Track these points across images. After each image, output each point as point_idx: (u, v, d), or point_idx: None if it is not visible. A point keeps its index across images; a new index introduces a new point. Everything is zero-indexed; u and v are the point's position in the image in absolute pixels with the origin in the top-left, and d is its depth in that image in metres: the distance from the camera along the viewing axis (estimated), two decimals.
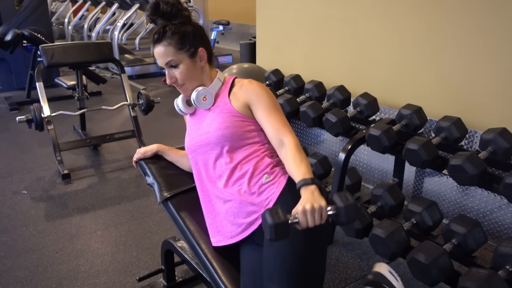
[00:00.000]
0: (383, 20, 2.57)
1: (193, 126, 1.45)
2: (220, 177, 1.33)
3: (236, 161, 1.31)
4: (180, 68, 1.34)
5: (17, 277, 1.95)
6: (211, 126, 1.35)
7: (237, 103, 1.35)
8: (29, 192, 2.76)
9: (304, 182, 1.11)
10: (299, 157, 1.19)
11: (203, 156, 1.38)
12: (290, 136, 1.26)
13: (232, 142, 1.31)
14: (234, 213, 1.28)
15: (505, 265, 1.52)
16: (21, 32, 4.36)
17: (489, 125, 1.96)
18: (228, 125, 1.31)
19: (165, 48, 1.31)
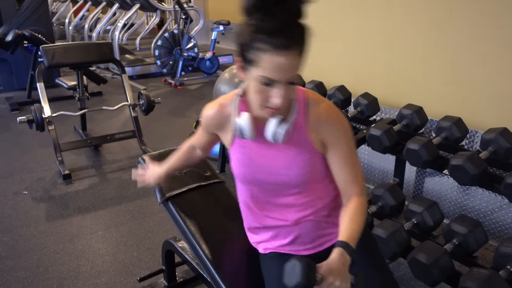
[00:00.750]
0: (384, 20, 2.57)
1: (253, 155, 1.12)
2: (287, 207, 1.17)
3: (310, 197, 1.15)
4: (295, 85, 0.98)
5: (18, 277, 1.95)
6: (290, 168, 1.10)
7: (316, 139, 1.08)
8: (30, 192, 2.77)
9: (345, 246, 0.97)
10: (356, 220, 1.05)
11: (267, 188, 1.15)
12: (359, 194, 1.10)
13: (311, 184, 1.13)
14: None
15: (506, 265, 1.52)
16: (22, 33, 4.36)
17: (490, 125, 1.96)
18: (311, 169, 1.10)
19: (295, 58, 0.92)
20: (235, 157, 1.15)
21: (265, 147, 1.10)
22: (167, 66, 5.73)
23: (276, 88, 0.94)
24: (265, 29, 0.89)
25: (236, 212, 1.60)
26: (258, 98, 0.97)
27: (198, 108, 4.60)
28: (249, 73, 0.96)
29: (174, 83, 5.53)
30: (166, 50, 5.68)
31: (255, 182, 1.15)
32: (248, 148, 1.12)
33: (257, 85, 0.95)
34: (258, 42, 0.89)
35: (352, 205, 1.08)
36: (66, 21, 8.05)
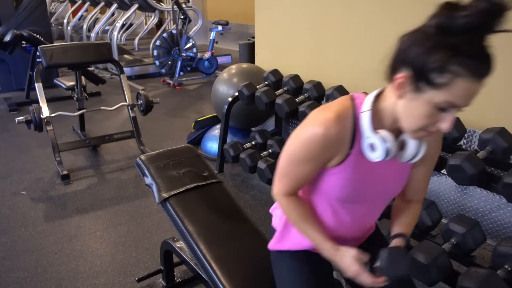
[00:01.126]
0: (382, 20, 2.57)
1: (366, 173, 1.02)
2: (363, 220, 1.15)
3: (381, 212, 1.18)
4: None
5: (17, 278, 1.95)
6: (396, 182, 1.07)
7: None
8: (28, 193, 2.76)
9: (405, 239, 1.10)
10: (416, 217, 1.16)
11: (363, 205, 1.10)
12: (422, 201, 1.19)
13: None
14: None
15: (504, 264, 1.52)
16: (20, 33, 4.36)
17: (488, 124, 1.96)
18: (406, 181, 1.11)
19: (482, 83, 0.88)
20: (341, 177, 1.01)
21: (376, 164, 1.00)
22: (165, 66, 5.72)
23: (450, 114, 0.88)
24: (473, 54, 0.83)
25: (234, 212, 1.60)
26: (423, 122, 0.87)
27: (197, 108, 4.60)
28: (420, 94, 0.85)
29: (172, 83, 5.53)
30: (165, 50, 5.68)
31: (354, 201, 1.06)
32: (363, 167, 1.01)
33: (430, 109, 0.85)
34: (456, 65, 0.81)
35: (416, 205, 1.16)
36: (65, 21, 8.05)
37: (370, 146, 0.95)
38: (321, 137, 0.94)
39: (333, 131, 0.94)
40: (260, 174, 2.50)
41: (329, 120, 0.94)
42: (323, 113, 0.97)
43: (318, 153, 0.97)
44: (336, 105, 0.98)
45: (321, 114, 0.97)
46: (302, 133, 0.98)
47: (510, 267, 1.50)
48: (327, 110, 0.97)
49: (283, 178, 1.05)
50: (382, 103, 0.96)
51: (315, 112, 1.00)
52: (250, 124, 3.38)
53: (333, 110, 0.96)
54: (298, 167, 1.01)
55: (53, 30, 6.25)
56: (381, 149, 0.93)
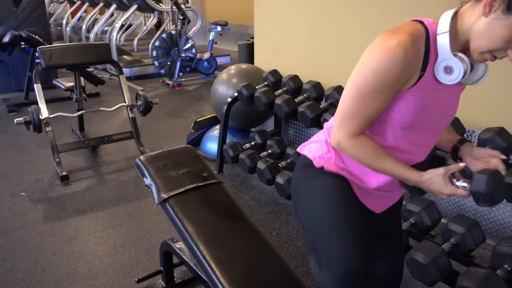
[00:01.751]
0: (381, 19, 2.57)
1: (434, 98, 1.02)
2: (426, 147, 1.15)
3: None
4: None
5: (16, 279, 1.94)
6: (455, 108, 1.10)
7: None
8: (28, 194, 2.76)
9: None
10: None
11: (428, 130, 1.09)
12: None
13: None
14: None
15: (503, 264, 1.52)
16: (19, 34, 4.36)
17: (487, 124, 1.96)
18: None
19: None
20: (412, 100, 1.00)
21: (442, 88, 1.02)
22: (165, 67, 5.72)
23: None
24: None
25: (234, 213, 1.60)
26: (498, 44, 0.91)
27: (196, 109, 4.60)
28: (509, 16, 0.86)
29: (172, 84, 5.53)
30: (164, 51, 5.68)
31: (420, 127, 1.06)
32: (432, 91, 1.01)
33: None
34: None
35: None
36: (64, 22, 8.04)
37: (446, 69, 0.95)
38: (401, 60, 0.92)
39: (411, 53, 0.93)
40: (260, 175, 2.50)
41: (407, 42, 0.93)
42: (397, 35, 0.94)
43: (396, 77, 0.94)
44: (407, 28, 0.97)
45: (394, 37, 0.94)
46: (375, 61, 0.95)
47: (510, 267, 1.50)
48: (400, 32, 0.95)
49: (351, 120, 1.01)
50: (458, 24, 0.96)
51: (385, 37, 0.96)
52: (250, 124, 3.38)
53: (407, 32, 0.95)
54: (371, 101, 0.98)
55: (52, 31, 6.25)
56: (459, 71, 0.94)
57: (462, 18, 0.96)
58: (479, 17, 0.91)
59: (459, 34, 0.96)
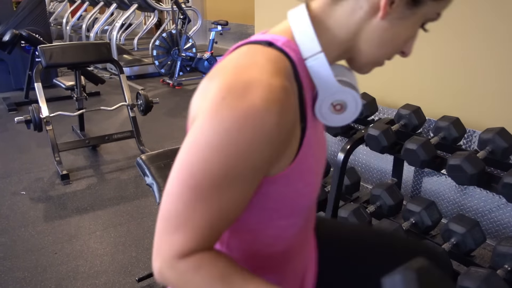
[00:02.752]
0: None
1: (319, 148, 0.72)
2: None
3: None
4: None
5: (16, 278, 1.94)
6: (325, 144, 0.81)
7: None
8: (28, 192, 2.76)
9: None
10: None
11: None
12: None
13: None
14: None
15: (503, 264, 1.52)
16: (19, 33, 4.35)
17: (488, 124, 1.97)
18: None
19: None
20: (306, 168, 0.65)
21: (319, 128, 0.71)
22: (165, 66, 5.72)
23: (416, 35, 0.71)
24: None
25: None
26: (401, 46, 0.69)
27: None
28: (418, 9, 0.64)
29: (172, 83, 5.53)
30: (164, 50, 5.68)
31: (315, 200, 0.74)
32: (315, 142, 0.67)
33: (417, 28, 0.69)
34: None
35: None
36: (64, 21, 8.03)
37: (335, 106, 0.65)
38: (275, 124, 0.54)
39: (288, 106, 0.56)
40: None
41: (277, 89, 0.55)
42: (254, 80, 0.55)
43: (268, 154, 0.56)
44: (259, 59, 0.59)
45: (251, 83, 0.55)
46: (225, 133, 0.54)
47: (510, 267, 1.51)
48: (253, 71, 0.56)
49: (188, 228, 0.57)
50: (321, 33, 0.63)
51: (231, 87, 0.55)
52: None
53: (266, 70, 0.57)
54: (226, 193, 0.57)
55: (52, 30, 6.24)
56: (356, 103, 0.65)
57: (326, 22, 0.63)
58: (368, 20, 0.62)
59: (329, 47, 0.65)
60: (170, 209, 0.59)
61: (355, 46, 0.65)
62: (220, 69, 0.59)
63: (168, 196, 0.61)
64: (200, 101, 0.59)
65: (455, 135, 1.94)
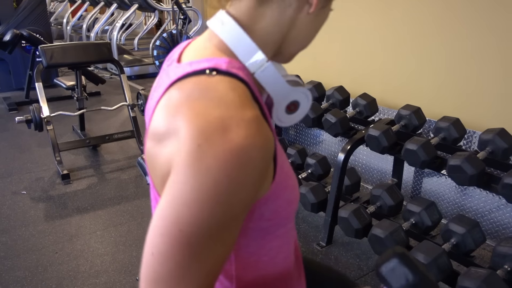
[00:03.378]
0: (382, 21, 2.58)
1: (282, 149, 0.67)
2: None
3: None
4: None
5: (17, 277, 1.95)
6: None
7: None
8: (29, 192, 2.76)
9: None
10: None
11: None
12: None
13: None
14: None
15: (503, 264, 1.53)
16: (20, 32, 4.35)
17: (488, 125, 1.97)
18: None
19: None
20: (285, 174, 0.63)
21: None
22: None
23: None
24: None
25: None
26: (320, 29, 0.69)
27: None
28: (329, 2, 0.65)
29: None
30: (165, 50, 5.67)
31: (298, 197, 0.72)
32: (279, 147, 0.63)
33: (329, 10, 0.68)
34: None
35: None
36: (64, 21, 8.04)
37: (289, 107, 0.66)
38: (260, 158, 0.53)
39: (267, 134, 0.55)
40: None
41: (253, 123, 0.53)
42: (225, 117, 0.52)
43: (257, 184, 0.55)
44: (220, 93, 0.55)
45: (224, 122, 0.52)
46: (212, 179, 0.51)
47: (510, 267, 1.51)
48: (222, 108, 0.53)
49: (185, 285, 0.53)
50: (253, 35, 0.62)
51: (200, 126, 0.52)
52: None
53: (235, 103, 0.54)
54: (221, 239, 0.54)
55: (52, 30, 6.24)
56: (307, 99, 0.67)
57: (256, 27, 0.62)
58: (297, 15, 0.62)
59: (265, 50, 0.63)
60: (159, 271, 0.53)
61: (285, 41, 0.66)
62: (179, 111, 0.54)
63: (155, 257, 0.54)
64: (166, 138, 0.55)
65: (455, 135, 1.95)
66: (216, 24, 0.62)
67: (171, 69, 0.63)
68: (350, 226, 1.95)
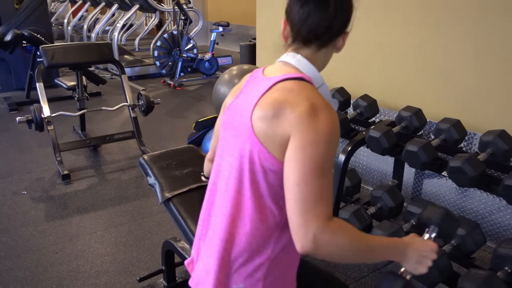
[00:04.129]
0: (382, 22, 2.58)
1: None
2: None
3: None
4: None
5: (17, 277, 1.95)
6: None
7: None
8: (29, 192, 2.76)
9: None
10: None
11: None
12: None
13: None
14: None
15: (504, 266, 1.53)
16: (21, 33, 4.36)
17: (488, 127, 1.97)
18: None
19: None
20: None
21: None
22: (166, 67, 5.73)
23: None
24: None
25: None
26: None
27: (197, 109, 4.60)
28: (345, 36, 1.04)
29: (173, 84, 5.54)
30: (165, 51, 5.68)
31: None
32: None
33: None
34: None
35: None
36: (65, 21, 8.05)
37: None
38: (338, 126, 0.90)
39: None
40: None
41: (330, 106, 0.92)
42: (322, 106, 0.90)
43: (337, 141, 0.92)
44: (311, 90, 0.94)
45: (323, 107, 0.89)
46: (321, 130, 0.86)
47: (510, 269, 1.51)
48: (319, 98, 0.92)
49: (321, 202, 0.82)
50: (317, 68, 1.01)
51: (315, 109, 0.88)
52: None
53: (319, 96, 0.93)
54: (330, 173, 0.86)
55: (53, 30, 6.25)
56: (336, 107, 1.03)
57: (315, 62, 1.00)
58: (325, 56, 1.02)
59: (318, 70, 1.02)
60: (305, 192, 0.82)
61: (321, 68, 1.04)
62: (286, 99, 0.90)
63: (300, 186, 0.83)
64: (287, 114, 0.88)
65: (456, 137, 1.95)
66: (289, 59, 0.99)
67: (262, 80, 0.99)
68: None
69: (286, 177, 0.85)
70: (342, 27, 1.00)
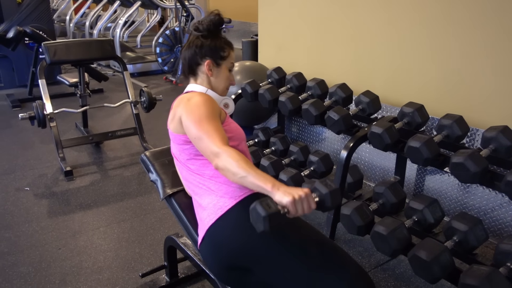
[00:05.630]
0: (385, 18, 2.57)
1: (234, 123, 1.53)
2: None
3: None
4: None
5: (21, 273, 1.96)
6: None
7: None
8: (32, 188, 2.77)
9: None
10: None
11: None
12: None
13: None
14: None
15: (506, 262, 1.53)
16: (23, 30, 4.37)
17: (491, 123, 1.97)
18: None
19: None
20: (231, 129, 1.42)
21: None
22: (168, 63, 5.73)
23: (232, 73, 1.46)
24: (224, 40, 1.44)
25: None
26: (227, 81, 1.44)
27: None
28: (221, 66, 1.42)
29: (175, 80, 5.54)
30: (167, 47, 5.68)
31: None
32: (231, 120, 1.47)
33: (227, 72, 1.43)
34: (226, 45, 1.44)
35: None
36: (67, 18, 8.05)
37: (225, 105, 1.54)
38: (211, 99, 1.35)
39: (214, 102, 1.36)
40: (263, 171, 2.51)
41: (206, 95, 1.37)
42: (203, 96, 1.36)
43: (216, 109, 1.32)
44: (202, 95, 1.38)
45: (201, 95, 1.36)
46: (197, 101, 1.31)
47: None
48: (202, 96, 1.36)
49: (215, 133, 1.21)
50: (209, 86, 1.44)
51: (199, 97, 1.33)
52: (253, 121, 3.38)
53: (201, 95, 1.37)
54: (215, 120, 1.28)
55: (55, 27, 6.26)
56: (231, 103, 1.56)
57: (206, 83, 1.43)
58: (209, 77, 1.41)
59: (214, 89, 1.44)
60: (204, 129, 1.24)
61: (213, 87, 1.44)
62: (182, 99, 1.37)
63: (200, 126, 1.25)
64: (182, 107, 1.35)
65: (458, 133, 1.94)
66: (193, 87, 1.43)
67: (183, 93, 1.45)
68: (352, 224, 1.95)
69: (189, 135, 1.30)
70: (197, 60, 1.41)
